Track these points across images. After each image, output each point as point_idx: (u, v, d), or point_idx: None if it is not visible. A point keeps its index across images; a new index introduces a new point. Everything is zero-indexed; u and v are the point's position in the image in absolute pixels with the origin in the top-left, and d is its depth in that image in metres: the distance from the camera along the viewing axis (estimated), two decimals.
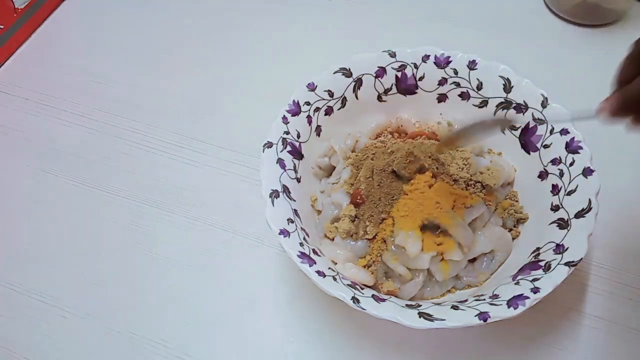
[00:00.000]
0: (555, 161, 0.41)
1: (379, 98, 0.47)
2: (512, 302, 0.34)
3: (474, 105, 0.46)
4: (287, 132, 0.43)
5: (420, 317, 0.34)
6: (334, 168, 0.45)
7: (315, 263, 0.37)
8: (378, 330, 0.41)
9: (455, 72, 0.45)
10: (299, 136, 0.44)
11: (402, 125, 0.47)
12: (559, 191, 0.40)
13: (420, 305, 0.35)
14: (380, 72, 0.46)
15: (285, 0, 0.65)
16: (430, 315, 0.34)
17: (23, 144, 0.55)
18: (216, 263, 0.46)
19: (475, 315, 0.34)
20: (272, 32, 0.62)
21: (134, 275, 0.46)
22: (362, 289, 0.37)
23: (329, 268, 0.37)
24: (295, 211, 0.40)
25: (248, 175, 0.51)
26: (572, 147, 0.40)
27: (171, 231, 0.48)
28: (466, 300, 0.36)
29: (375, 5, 0.63)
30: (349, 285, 0.36)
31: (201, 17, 0.65)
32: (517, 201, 0.43)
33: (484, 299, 0.35)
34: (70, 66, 0.61)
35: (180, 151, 0.53)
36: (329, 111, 0.46)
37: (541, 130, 0.42)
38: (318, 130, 0.45)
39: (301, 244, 0.37)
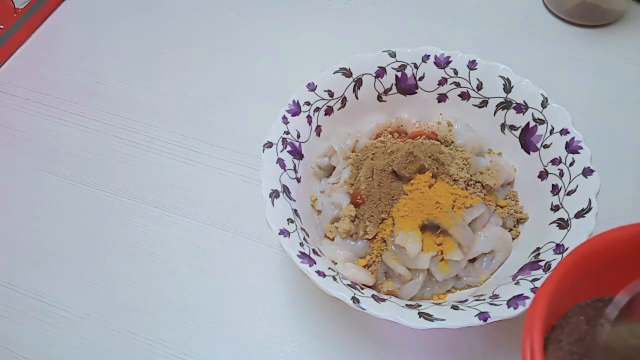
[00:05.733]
0: (555, 161, 0.41)
1: (379, 98, 0.47)
2: (512, 302, 0.34)
3: (474, 105, 0.46)
4: (287, 132, 0.43)
5: (420, 317, 0.34)
6: (334, 168, 0.45)
7: (315, 263, 0.37)
8: (378, 330, 0.41)
9: (455, 72, 0.45)
10: (299, 136, 0.44)
11: (402, 125, 0.47)
12: (559, 191, 0.40)
13: (420, 305, 0.35)
14: (380, 72, 0.46)
15: (285, 1, 0.65)
16: (430, 315, 0.34)
17: (23, 144, 0.55)
18: (216, 263, 0.46)
19: (475, 315, 0.34)
20: (272, 32, 0.62)
21: (133, 275, 0.46)
22: (362, 289, 0.37)
23: (329, 268, 0.37)
24: (295, 211, 0.40)
25: (248, 175, 0.51)
26: (572, 147, 0.40)
27: (171, 231, 0.48)
28: (466, 300, 0.36)
29: (375, 5, 0.63)
30: (349, 285, 0.36)
31: (201, 17, 0.65)
32: (517, 201, 0.44)
33: (484, 299, 0.35)
34: (70, 66, 0.61)
35: (180, 151, 0.53)
36: (329, 111, 0.46)
37: (541, 130, 0.42)
38: (318, 130, 0.45)
39: (301, 244, 0.37)
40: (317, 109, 0.45)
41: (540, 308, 0.27)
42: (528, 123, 0.43)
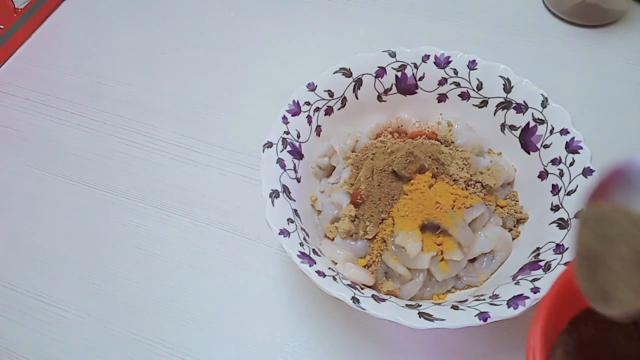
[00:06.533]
0: (555, 161, 0.41)
1: (379, 98, 0.47)
2: (512, 302, 0.34)
3: (474, 105, 0.46)
4: (287, 132, 0.43)
5: (420, 317, 0.34)
6: (334, 168, 0.45)
7: (315, 263, 0.37)
8: (378, 330, 0.41)
9: (455, 72, 0.45)
10: (299, 136, 0.44)
11: (402, 125, 0.47)
12: (559, 191, 0.40)
13: (420, 305, 0.35)
14: (380, 72, 0.46)
15: (285, 0, 0.65)
16: (430, 315, 0.34)
17: (23, 144, 0.55)
18: (216, 263, 0.46)
19: (475, 315, 0.34)
20: (272, 32, 0.62)
21: (134, 275, 0.46)
22: (362, 289, 0.37)
23: (329, 268, 0.37)
24: (295, 211, 0.40)
25: (248, 175, 0.51)
26: (572, 147, 0.40)
27: (171, 231, 0.48)
28: (466, 300, 0.36)
29: (375, 5, 0.63)
30: (349, 285, 0.36)
31: (201, 18, 0.65)
32: (517, 201, 0.43)
33: (484, 299, 0.35)
34: (70, 66, 0.61)
35: (180, 151, 0.53)
36: (329, 111, 0.46)
37: (541, 130, 0.42)
38: (318, 130, 0.45)
39: (301, 244, 0.37)
40: (317, 109, 0.45)
41: (543, 311, 0.27)
42: (528, 123, 0.43)
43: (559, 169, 0.41)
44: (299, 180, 0.42)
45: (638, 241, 0.22)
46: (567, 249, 0.36)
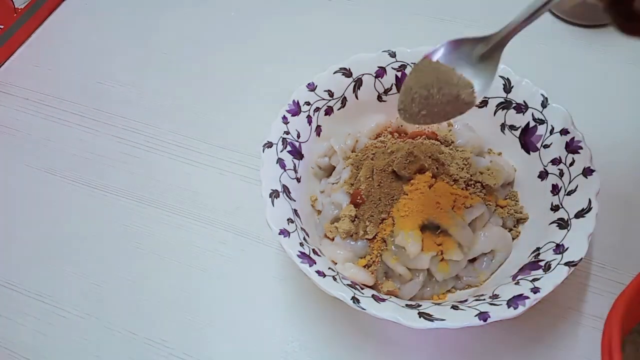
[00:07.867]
0: (555, 161, 0.41)
1: (379, 98, 0.47)
2: (512, 302, 0.34)
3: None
4: (287, 132, 0.43)
5: (420, 317, 0.34)
6: (334, 168, 0.45)
7: (315, 263, 0.37)
8: (378, 330, 0.41)
9: None
10: (299, 136, 0.44)
11: (402, 125, 0.47)
12: (559, 191, 0.40)
13: (420, 305, 0.35)
14: (380, 72, 0.46)
15: (285, 1, 0.65)
16: (430, 315, 0.34)
17: (23, 144, 0.55)
18: (216, 263, 0.46)
19: (475, 315, 0.34)
20: (272, 32, 0.62)
21: (134, 275, 0.46)
22: (362, 289, 0.37)
23: (329, 268, 0.37)
24: (295, 211, 0.40)
25: (248, 175, 0.51)
26: (572, 147, 0.40)
27: (171, 231, 0.48)
28: (466, 300, 0.36)
29: (376, 5, 0.63)
30: (349, 285, 0.36)
31: (201, 17, 0.65)
32: (517, 201, 0.43)
33: (484, 299, 0.35)
34: (70, 66, 0.62)
35: (180, 151, 0.53)
36: (329, 111, 0.46)
37: (541, 130, 0.42)
38: (318, 130, 0.45)
39: (301, 244, 0.37)
40: (317, 109, 0.45)
41: (619, 310, 0.29)
42: (528, 123, 0.43)
43: (559, 169, 0.41)
44: (299, 180, 0.42)
45: (436, 88, 0.35)
46: (567, 249, 0.36)
